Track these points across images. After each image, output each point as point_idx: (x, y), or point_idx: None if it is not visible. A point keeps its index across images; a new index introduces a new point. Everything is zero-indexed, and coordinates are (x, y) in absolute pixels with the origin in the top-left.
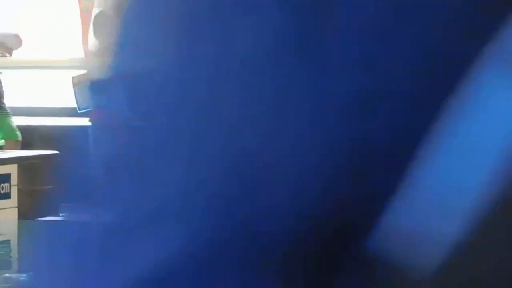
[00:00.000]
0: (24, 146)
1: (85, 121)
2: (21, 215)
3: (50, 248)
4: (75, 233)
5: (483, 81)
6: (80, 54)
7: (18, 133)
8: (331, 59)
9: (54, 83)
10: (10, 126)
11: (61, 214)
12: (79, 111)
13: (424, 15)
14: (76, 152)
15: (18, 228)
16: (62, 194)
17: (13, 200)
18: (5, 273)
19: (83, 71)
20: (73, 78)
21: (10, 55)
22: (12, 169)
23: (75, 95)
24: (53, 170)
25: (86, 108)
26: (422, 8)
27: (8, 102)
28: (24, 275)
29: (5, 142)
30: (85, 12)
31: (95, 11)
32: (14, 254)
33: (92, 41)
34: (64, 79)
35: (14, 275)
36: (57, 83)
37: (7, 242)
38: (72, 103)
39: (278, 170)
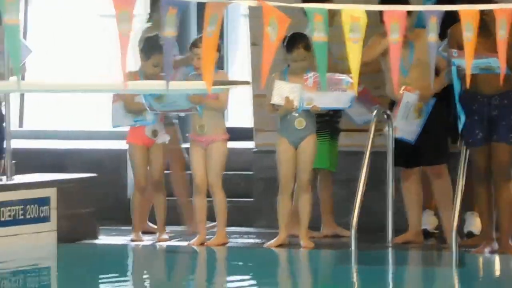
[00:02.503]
0: (63, 170)
1: (122, 144)
2: (60, 239)
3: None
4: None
5: None
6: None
7: None
8: None
9: (90, 106)
10: None
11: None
12: (112, 127)
13: None
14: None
15: (58, 251)
16: (100, 217)
17: (53, 223)
18: None
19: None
20: (113, 95)
21: None
22: (51, 193)
23: (111, 110)
24: (91, 193)
25: (119, 125)
26: None
27: (46, 126)
28: None
29: None
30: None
31: (144, 34)
32: (54, 278)
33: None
34: (101, 102)
35: None
36: (93, 106)
37: (47, 266)
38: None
39: None
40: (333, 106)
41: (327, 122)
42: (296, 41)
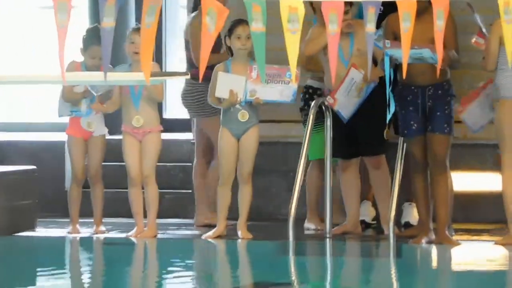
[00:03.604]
0: (1, 162)
1: (61, 136)
2: None
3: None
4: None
5: None
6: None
7: None
8: None
9: (28, 98)
10: None
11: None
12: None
13: None
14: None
15: None
16: (39, 209)
17: None
18: None
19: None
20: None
21: None
22: None
23: (58, 100)
24: (30, 185)
25: (63, 116)
26: None
27: None
28: None
29: None
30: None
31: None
32: None
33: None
34: (40, 94)
35: None
36: (31, 98)
37: None
38: (49, 119)
39: None
40: (276, 99)
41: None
42: (240, 20)
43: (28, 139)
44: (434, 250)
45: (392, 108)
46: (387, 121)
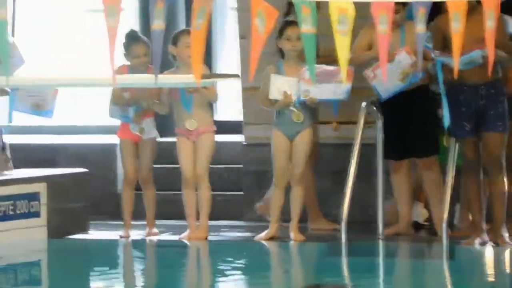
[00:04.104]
0: (53, 165)
1: (113, 139)
2: (51, 234)
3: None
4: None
5: None
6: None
7: None
8: None
9: (80, 100)
10: None
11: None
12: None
13: None
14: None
15: (48, 246)
16: (91, 212)
17: (43, 219)
18: None
19: None
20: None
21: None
22: (41, 188)
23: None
24: (82, 187)
25: (113, 117)
26: None
27: (35, 121)
28: None
29: None
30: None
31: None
32: (44, 272)
33: None
34: (91, 96)
35: None
36: (83, 100)
37: (38, 261)
38: (101, 121)
39: None
40: (330, 98)
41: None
42: (290, 21)
43: (79, 141)
44: (488, 252)
45: (447, 116)
46: (446, 127)
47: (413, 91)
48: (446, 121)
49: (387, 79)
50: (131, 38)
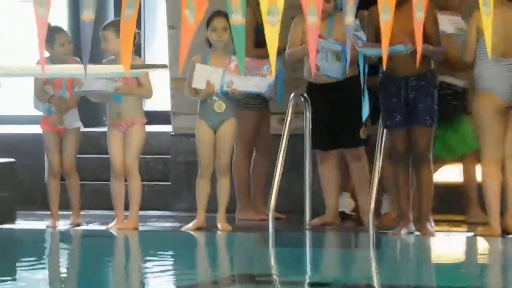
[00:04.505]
0: None
1: (39, 129)
2: None
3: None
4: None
5: None
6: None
7: None
8: None
9: (8, 90)
10: None
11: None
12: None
13: None
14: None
15: None
16: (19, 202)
17: None
18: None
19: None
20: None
21: None
22: None
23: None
24: (9, 177)
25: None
26: None
27: None
28: None
29: None
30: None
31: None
32: None
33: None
34: (18, 86)
35: None
36: (11, 90)
37: None
38: (28, 111)
39: None
40: (252, 90)
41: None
42: (217, 12)
43: (7, 131)
44: (413, 241)
45: (366, 109)
46: (363, 121)
47: (342, 81)
48: (365, 113)
49: (329, 64)
50: (52, 28)
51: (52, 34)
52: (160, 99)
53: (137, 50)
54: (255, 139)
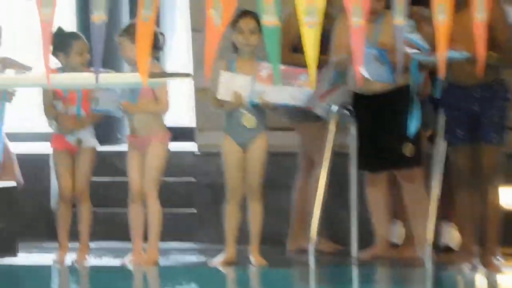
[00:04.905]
0: None
1: (46, 148)
2: None
3: None
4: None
5: None
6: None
7: None
8: None
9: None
10: None
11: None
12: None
13: None
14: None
15: None
16: (21, 232)
17: None
18: None
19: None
20: None
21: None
22: None
23: None
24: (10, 204)
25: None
26: None
27: None
28: None
29: None
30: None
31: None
32: None
33: None
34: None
35: None
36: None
37: None
38: (32, 128)
39: None
40: (287, 102)
41: None
42: (245, 12)
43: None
44: (477, 278)
45: (415, 122)
46: (410, 134)
47: (392, 92)
48: (413, 127)
49: (374, 68)
50: (69, 34)
51: (68, 40)
52: (183, 112)
53: (158, 54)
54: (319, 155)
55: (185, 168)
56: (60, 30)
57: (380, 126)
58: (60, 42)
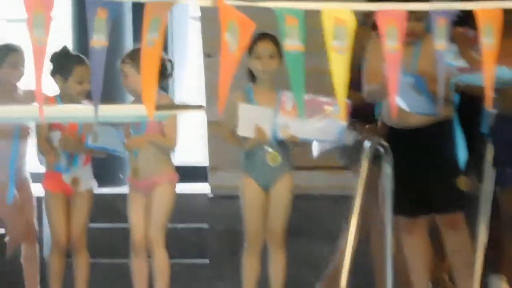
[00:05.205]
0: None
1: (37, 189)
2: None
3: None
4: None
5: None
6: None
7: None
8: None
9: None
10: None
11: None
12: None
13: None
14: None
15: None
16: (8, 285)
17: None
18: None
19: None
20: None
21: None
22: None
23: None
24: None
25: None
26: None
27: None
28: None
29: None
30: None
31: None
32: None
33: None
34: None
35: None
36: None
37: None
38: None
39: None
40: (316, 137)
41: None
42: (262, 35)
43: None
44: None
45: (463, 152)
46: (462, 166)
47: (431, 126)
48: (462, 157)
49: (412, 99)
50: (71, 57)
51: (69, 64)
52: (194, 149)
53: (167, 83)
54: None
55: (196, 212)
56: (64, 49)
57: (420, 164)
58: (61, 64)
